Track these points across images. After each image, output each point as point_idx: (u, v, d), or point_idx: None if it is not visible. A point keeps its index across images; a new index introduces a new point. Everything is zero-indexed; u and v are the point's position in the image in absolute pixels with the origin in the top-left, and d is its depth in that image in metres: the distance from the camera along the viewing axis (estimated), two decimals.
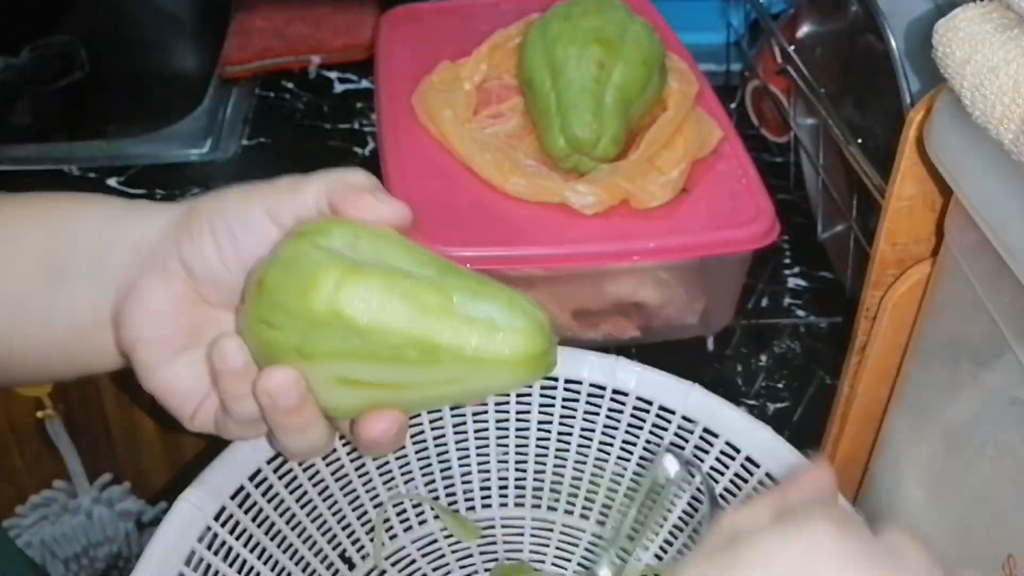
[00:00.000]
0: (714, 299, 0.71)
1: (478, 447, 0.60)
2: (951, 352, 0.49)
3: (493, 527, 0.61)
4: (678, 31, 0.80)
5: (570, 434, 0.60)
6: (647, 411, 0.57)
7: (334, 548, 0.57)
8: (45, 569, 0.83)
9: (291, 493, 0.54)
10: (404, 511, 0.60)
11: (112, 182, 0.85)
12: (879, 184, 0.62)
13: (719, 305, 0.72)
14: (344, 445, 0.56)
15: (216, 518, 0.48)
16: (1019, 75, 0.37)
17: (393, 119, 0.73)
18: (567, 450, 0.60)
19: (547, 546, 0.61)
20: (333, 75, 0.98)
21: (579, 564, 0.61)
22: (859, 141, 0.66)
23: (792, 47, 0.77)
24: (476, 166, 0.68)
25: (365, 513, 0.58)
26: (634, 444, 0.58)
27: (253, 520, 0.51)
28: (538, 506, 0.61)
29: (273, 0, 1.03)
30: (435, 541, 0.61)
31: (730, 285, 0.71)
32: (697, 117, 0.71)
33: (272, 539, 0.53)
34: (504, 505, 0.61)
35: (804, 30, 0.78)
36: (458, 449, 0.60)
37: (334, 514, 0.57)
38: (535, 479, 0.61)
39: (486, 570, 0.61)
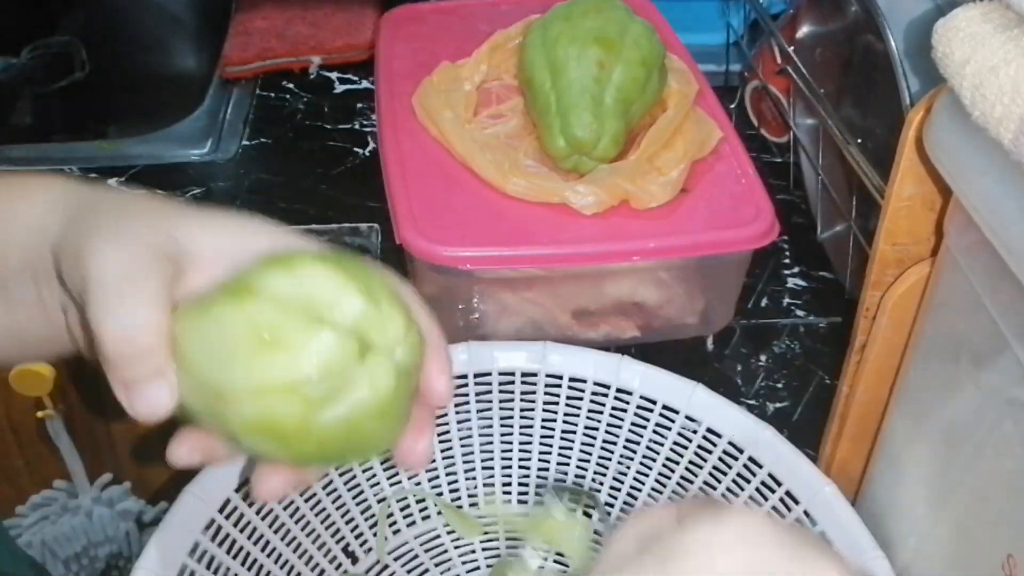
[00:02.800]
0: (714, 299, 0.71)
1: (482, 443, 0.60)
2: (950, 352, 0.49)
3: (496, 523, 0.62)
4: (678, 31, 0.80)
5: (573, 432, 0.60)
6: (651, 410, 0.57)
7: (337, 542, 0.57)
8: (45, 568, 0.83)
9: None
10: (407, 506, 0.60)
11: (112, 182, 0.85)
12: (878, 184, 0.62)
13: (719, 305, 0.72)
14: None
15: (220, 510, 0.49)
16: (1019, 75, 0.37)
17: (393, 119, 0.73)
18: (570, 448, 0.60)
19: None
20: (333, 75, 0.98)
21: None
22: (859, 141, 0.67)
23: (791, 47, 0.77)
24: (476, 166, 0.68)
25: (369, 507, 0.59)
26: (637, 443, 0.58)
27: (257, 513, 0.51)
28: (541, 503, 0.62)
29: (273, 0, 1.03)
30: (438, 536, 0.61)
31: (730, 285, 0.71)
32: (697, 117, 0.71)
33: (276, 532, 0.53)
34: (507, 502, 0.62)
35: (804, 30, 0.78)
36: (462, 445, 0.60)
37: (338, 508, 0.57)
38: (538, 476, 0.61)
39: (488, 566, 0.61)
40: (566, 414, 0.59)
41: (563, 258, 0.65)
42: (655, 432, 0.57)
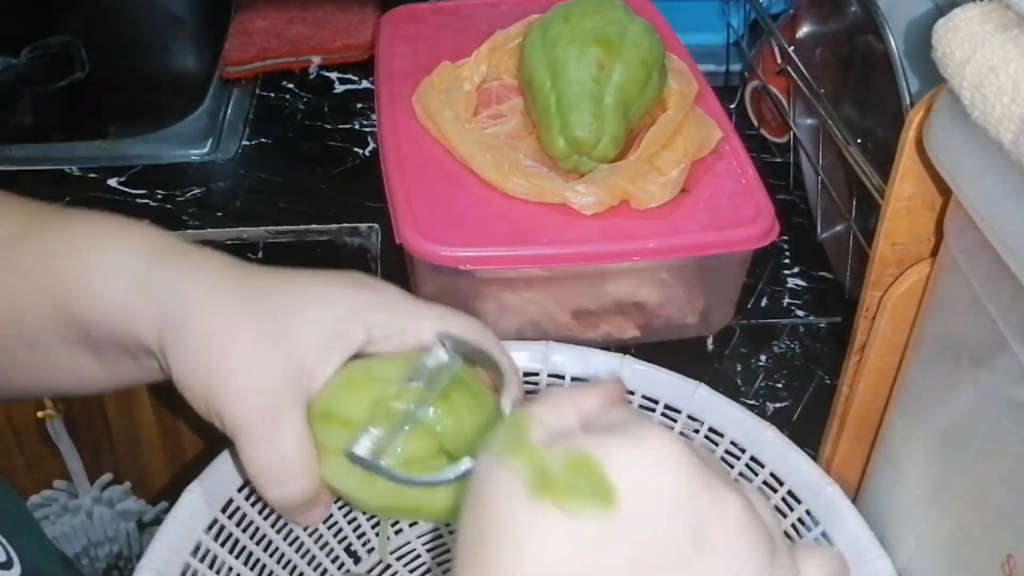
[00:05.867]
0: (714, 299, 0.71)
1: None
2: (950, 352, 0.49)
3: None
4: (678, 31, 0.80)
5: None
6: (653, 410, 0.57)
7: (340, 542, 0.57)
8: (72, 561, 0.83)
9: None
10: None
11: (112, 182, 0.85)
12: (878, 184, 0.62)
13: (719, 305, 0.72)
14: None
15: (223, 510, 0.49)
16: (1019, 75, 0.37)
17: (393, 119, 0.73)
18: None
19: None
20: (333, 75, 0.98)
21: None
22: (858, 141, 0.67)
23: (792, 47, 0.77)
24: (476, 166, 0.68)
25: None
26: None
27: (260, 513, 0.51)
28: None
29: (274, 0, 1.03)
30: (440, 537, 0.61)
31: (730, 285, 0.71)
32: (697, 117, 0.71)
33: (279, 532, 0.53)
34: None
35: (804, 30, 0.78)
36: None
37: (340, 508, 0.57)
38: None
39: None
40: None
41: (563, 258, 0.65)
42: None
